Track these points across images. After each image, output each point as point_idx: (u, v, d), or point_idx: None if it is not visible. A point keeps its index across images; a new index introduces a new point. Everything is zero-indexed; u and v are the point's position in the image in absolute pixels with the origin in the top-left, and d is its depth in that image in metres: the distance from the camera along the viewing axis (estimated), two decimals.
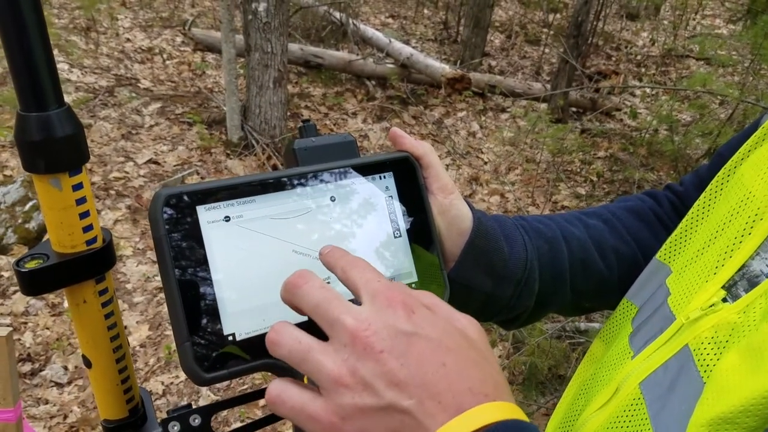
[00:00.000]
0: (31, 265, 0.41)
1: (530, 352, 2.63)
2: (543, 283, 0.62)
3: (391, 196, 0.52)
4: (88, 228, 0.42)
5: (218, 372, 0.42)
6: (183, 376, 2.59)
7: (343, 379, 0.34)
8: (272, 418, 0.50)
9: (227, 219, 0.44)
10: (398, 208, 0.53)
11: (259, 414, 2.45)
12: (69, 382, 2.53)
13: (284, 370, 0.43)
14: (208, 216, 0.43)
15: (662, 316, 0.54)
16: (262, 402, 2.59)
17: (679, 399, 0.46)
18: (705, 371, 0.45)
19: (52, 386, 2.51)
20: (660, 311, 0.55)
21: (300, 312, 0.39)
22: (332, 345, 0.36)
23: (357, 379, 0.34)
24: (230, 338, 0.43)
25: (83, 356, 0.47)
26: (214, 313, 0.42)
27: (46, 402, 2.43)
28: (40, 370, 2.56)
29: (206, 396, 2.54)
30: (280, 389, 0.37)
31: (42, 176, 0.40)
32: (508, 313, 0.62)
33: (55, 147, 0.39)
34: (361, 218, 0.50)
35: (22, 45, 0.36)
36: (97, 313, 0.45)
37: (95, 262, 0.43)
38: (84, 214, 0.42)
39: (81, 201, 0.41)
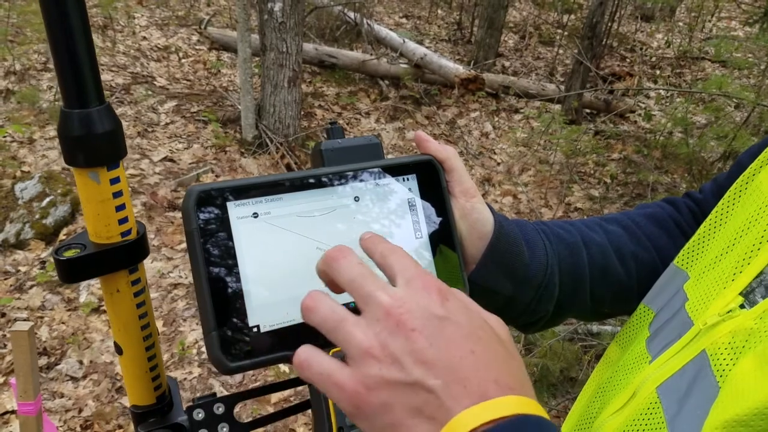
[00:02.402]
0: (70, 254, 0.43)
1: (542, 354, 2.63)
2: (563, 288, 0.62)
3: (414, 198, 0.54)
4: (123, 220, 0.44)
5: (242, 361, 0.43)
6: (196, 371, 2.62)
7: (372, 351, 0.35)
8: (283, 414, 0.51)
9: (255, 215, 0.46)
10: (420, 209, 0.54)
11: (270, 410, 2.47)
12: (84, 377, 2.57)
13: None
14: (237, 212, 0.45)
15: (680, 322, 0.55)
16: (273, 399, 2.58)
17: (695, 403, 0.47)
18: (721, 376, 0.46)
19: (68, 380, 2.54)
20: (678, 316, 0.56)
21: (333, 285, 0.40)
22: (365, 318, 0.36)
23: (386, 353, 0.35)
24: (255, 329, 0.44)
25: (115, 343, 0.49)
26: (240, 305, 0.44)
27: (62, 396, 2.47)
28: (56, 364, 2.59)
29: (219, 392, 2.56)
30: (309, 353, 0.37)
31: (82, 170, 0.41)
32: (528, 317, 0.63)
33: (94, 142, 0.40)
34: (384, 218, 0.52)
35: (68, 47, 0.38)
36: (130, 302, 0.47)
37: (129, 253, 0.45)
38: (120, 207, 0.43)
39: (117, 194, 0.43)
